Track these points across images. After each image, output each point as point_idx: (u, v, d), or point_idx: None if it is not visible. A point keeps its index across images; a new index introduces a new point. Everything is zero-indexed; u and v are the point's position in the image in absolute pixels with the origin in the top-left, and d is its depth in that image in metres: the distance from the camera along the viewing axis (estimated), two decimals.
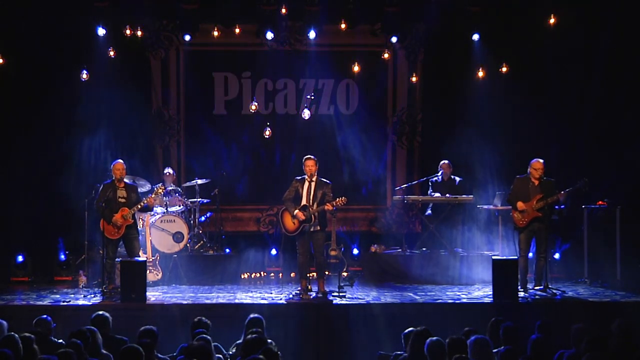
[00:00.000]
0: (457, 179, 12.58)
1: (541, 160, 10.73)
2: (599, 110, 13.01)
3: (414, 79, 13.83)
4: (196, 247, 12.53)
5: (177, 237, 12.03)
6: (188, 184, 12.96)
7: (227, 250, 12.90)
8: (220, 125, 14.08)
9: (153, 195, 11.02)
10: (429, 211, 12.76)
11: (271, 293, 10.87)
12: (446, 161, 12.61)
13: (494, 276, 10.18)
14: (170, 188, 12.49)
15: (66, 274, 12.42)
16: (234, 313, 9.44)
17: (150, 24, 13.34)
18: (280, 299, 10.34)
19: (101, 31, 12.43)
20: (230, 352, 7.55)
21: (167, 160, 13.90)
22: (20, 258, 12.49)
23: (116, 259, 10.70)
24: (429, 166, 13.18)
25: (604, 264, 11.63)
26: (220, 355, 7.27)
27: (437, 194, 12.45)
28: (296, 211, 10.37)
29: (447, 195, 12.34)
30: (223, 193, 13.13)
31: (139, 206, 10.66)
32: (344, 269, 12.01)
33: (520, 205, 10.68)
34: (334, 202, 10.27)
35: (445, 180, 12.56)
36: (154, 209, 12.06)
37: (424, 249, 12.58)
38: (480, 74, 13.11)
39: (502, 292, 10.08)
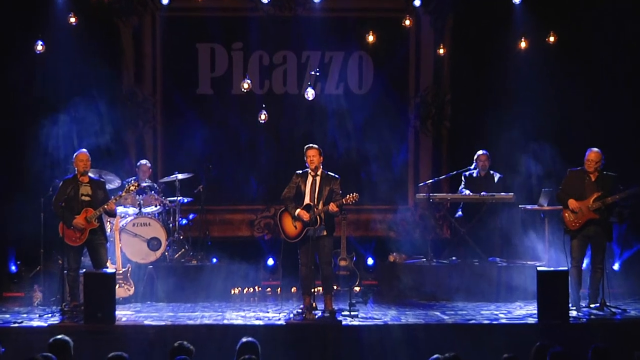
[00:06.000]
0: (497, 175, 12.57)
1: (597, 150, 10.62)
2: None
3: (441, 51, 13.78)
4: (176, 256, 12.55)
5: (152, 244, 12.03)
6: (166, 179, 12.96)
7: (214, 259, 12.89)
8: (205, 107, 14.10)
9: (117, 197, 10.81)
10: (460, 212, 12.74)
11: (268, 312, 10.89)
12: (484, 152, 12.55)
13: (540, 291, 10.16)
14: (145, 184, 12.47)
15: (17, 290, 12.43)
16: (222, 336, 9.47)
17: None
18: (279, 319, 10.34)
19: None
20: None
21: (140, 151, 13.91)
22: None
23: (80, 271, 10.66)
24: (460, 157, 13.20)
25: None
26: None
27: (468, 192, 12.42)
28: (298, 210, 10.32)
29: (483, 193, 12.29)
30: (209, 190, 13.12)
31: (105, 207, 10.57)
32: (356, 283, 12.06)
33: (572, 203, 10.59)
34: (343, 200, 10.18)
35: (482, 176, 12.54)
36: (125, 209, 12.02)
37: (453, 258, 12.58)
38: (523, 44, 13.09)
39: (549, 310, 10.06)
